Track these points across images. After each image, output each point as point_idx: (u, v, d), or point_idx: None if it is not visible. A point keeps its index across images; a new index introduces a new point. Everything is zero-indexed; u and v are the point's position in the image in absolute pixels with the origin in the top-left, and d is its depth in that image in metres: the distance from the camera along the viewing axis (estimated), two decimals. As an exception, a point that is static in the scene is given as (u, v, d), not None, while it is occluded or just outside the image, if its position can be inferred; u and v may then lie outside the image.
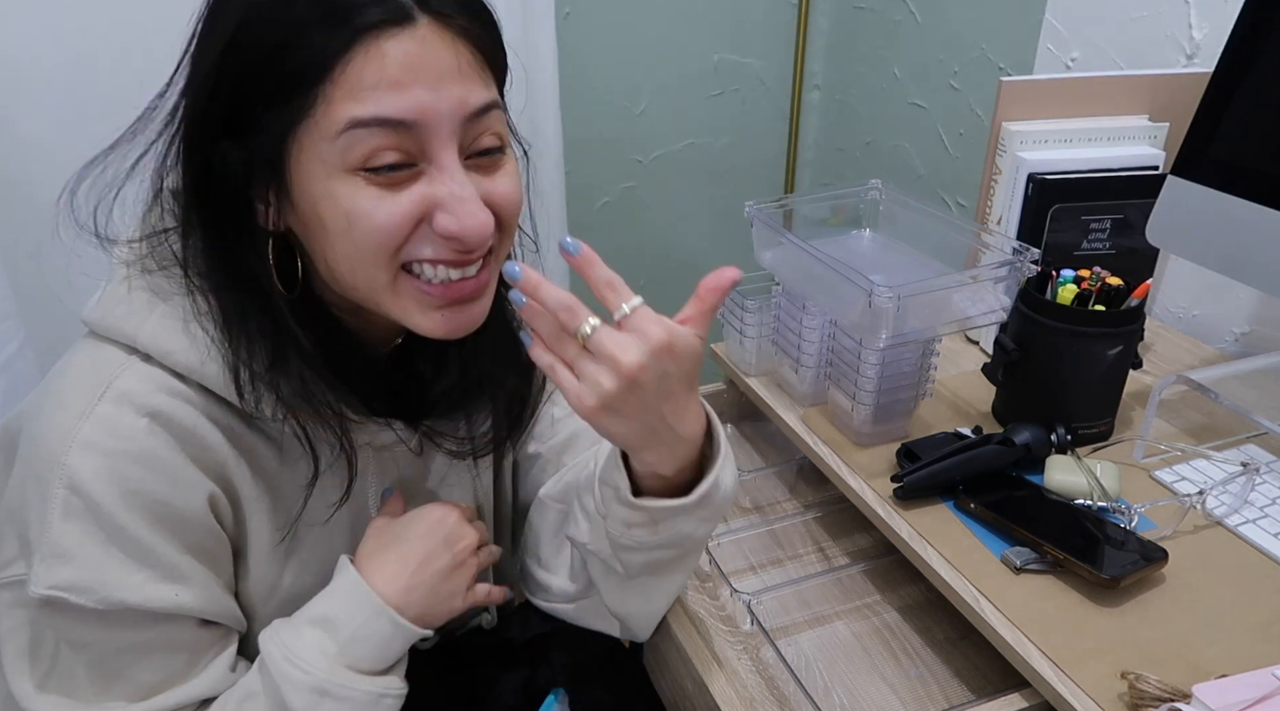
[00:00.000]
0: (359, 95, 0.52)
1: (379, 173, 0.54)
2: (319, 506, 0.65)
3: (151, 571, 0.56)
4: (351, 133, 0.52)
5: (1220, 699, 0.55)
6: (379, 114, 0.52)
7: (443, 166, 0.55)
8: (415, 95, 0.53)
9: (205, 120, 0.55)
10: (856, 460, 0.84)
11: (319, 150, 0.53)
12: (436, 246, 0.57)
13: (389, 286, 0.58)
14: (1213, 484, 0.76)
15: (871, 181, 0.96)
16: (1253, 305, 1.03)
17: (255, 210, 0.58)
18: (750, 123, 1.78)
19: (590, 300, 0.59)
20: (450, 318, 0.60)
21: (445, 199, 0.55)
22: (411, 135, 0.54)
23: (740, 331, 0.99)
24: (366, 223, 0.55)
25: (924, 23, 1.48)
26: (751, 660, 0.76)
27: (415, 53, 0.53)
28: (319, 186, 0.54)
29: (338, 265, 0.57)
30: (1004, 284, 0.80)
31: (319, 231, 0.56)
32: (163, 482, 0.56)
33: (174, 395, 0.57)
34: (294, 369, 0.59)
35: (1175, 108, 0.95)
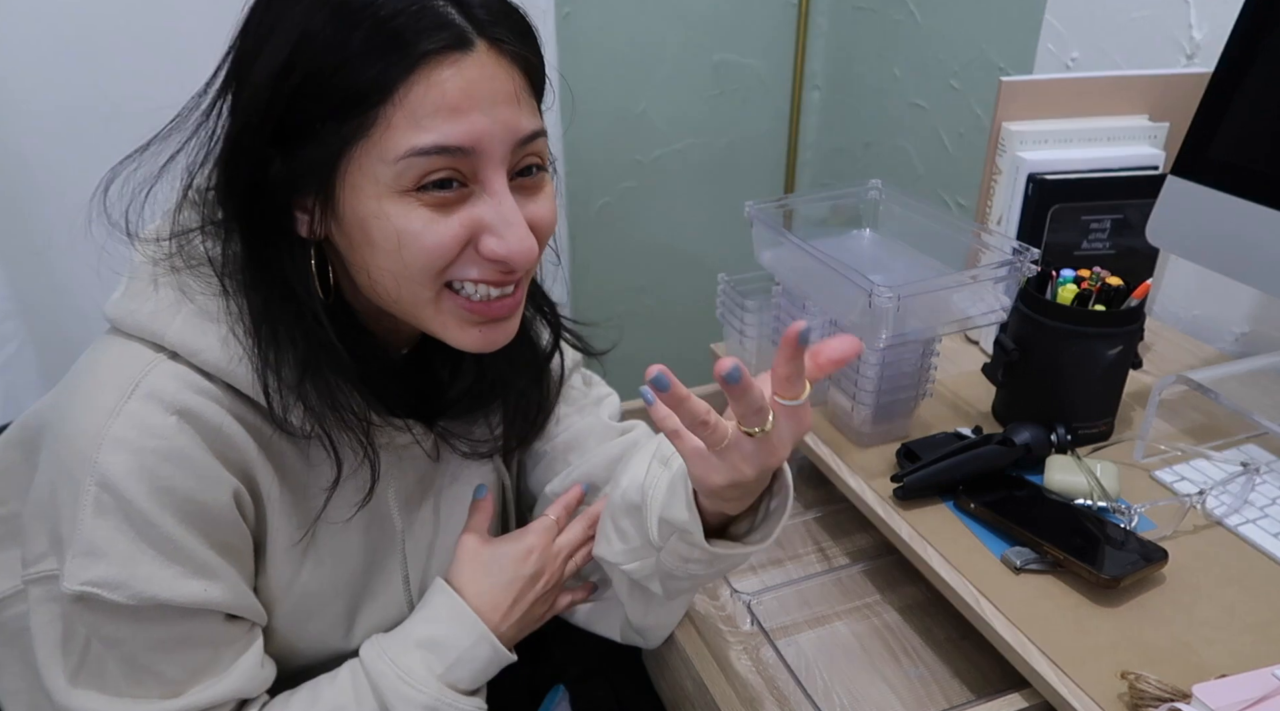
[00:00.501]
0: (420, 122, 0.53)
1: (430, 192, 0.55)
2: (338, 506, 0.65)
3: (181, 567, 0.57)
4: (410, 159, 0.54)
5: (1220, 699, 0.55)
6: (439, 143, 0.54)
7: (493, 190, 0.57)
8: (472, 121, 0.54)
9: (255, 131, 0.56)
10: (856, 460, 0.84)
11: (373, 170, 0.54)
12: (481, 267, 0.59)
13: (432, 302, 0.59)
14: (1213, 484, 0.76)
15: (871, 181, 0.96)
16: (1253, 305, 1.03)
17: (295, 218, 0.58)
18: (750, 123, 1.78)
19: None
20: (486, 333, 0.62)
21: (493, 222, 0.57)
22: (465, 159, 0.55)
23: (740, 331, 0.99)
24: (416, 244, 0.56)
25: (924, 23, 1.48)
26: (751, 660, 0.76)
27: (474, 79, 0.54)
28: (370, 204, 0.55)
29: (383, 280, 0.58)
30: (1004, 284, 0.80)
31: (365, 247, 0.57)
32: (191, 479, 0.57)
33: (202, 393, 0.58)
34: (324, 377, 0.60)
35: (1175, 108, 0.95)
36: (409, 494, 0.71)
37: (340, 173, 0.55)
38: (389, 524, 0.70)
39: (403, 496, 0.70)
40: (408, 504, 0.71)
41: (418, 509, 0.72)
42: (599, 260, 1.76)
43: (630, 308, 1.86)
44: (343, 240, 0.58)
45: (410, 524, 0.71)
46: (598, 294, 1.79)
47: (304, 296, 0.59)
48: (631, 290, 1.84)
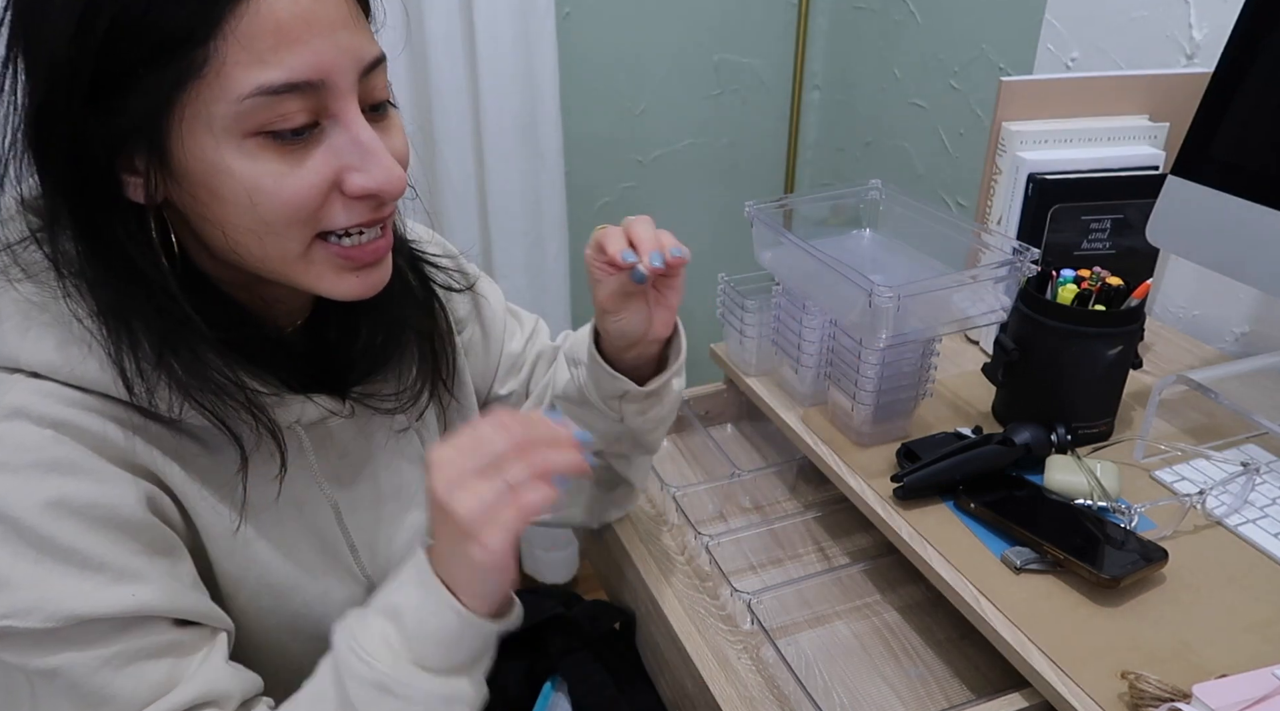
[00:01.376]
0: (261, 56, 0.49)
1: (282, 138, 0.51)
2: (261, 488, 0.62)
3: (98, 576, 0.52)
4: (257, 99, 0.49)
5: (1220, 699, 0.55)
6: (288, 79, 0.49)
7: (347, 122, 0.53)
8: (316, 49, 0.50)
9: (62, 91, 0.49)
10: (856, 460, 0.84)
11: (209, 116, 0.49)
12: (350, 210, 0.55)
13: (301, 257, 0.55)
14: (1213, 484, 0.76)
15: (871, 181, 0.96)
16: (1253, 305, 1.03)
17: (123, 183, 0.53)
18: (750, 123, 1.78)
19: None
20: (364, 278, 0.58)
21: (353, 157, 0.53)
22: (315, 93, 0.51)
23: (740, 331, 0.99)
24: (273, 199, 0.52)
25: (924, 23, 1.49)
26: (752, 659, 0.76)
27: (307, 4, 0.50)
28: (209, 156, 0.50)
29: (242, 239, 0.53)
30: (1004, 284, 0.80)
31: (213, 204, 0.52)
32: (86, 485, 0.52)
33: (73, 404, 0.53)
34: (184, 350, 0.55)
35: (1175, 108, 0.95)
36: (337, 467, 0.68)
37: (171, 124, 0.50)
38: (320, 501, 0.67)
39: (330, 470, 0.68)
40: (339, 477, 0.68)
41: (353, 481, 0.69)
42: (599, 260, 1.76)
43: (630, 307, 1.85)
44: (186, 200, 0.53)
45: (346, 497, 0.69)
46: (598, 294, 1.79)
47: (148, 268, 0.54)
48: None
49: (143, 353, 0.54)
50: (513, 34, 1.36)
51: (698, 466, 1.03)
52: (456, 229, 1.49)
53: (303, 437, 0.65)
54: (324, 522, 0.68)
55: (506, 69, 1.38)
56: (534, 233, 1.52)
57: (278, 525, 0.65)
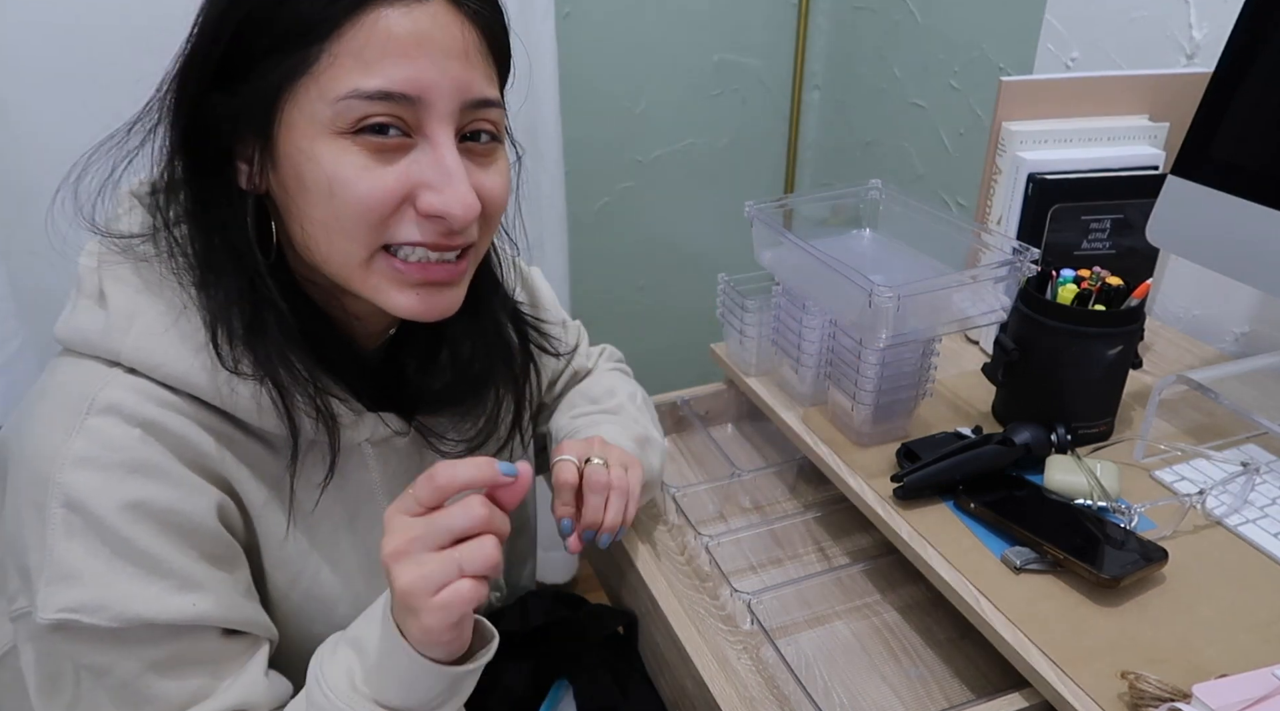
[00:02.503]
0: (367, 64, 0.52)
1: (369, 135, 0.53)
2: (327, 503, 0.64)
3: (165, 582, 0.54)
4: (350, 101, 0.52)
5: (1220, 699, 0.55)
6: (384, 88, 0.52)
7: (436, 142, 0.55)
8: (420, 68, 0.53)
9: (200, 67, 0.54)
10: (856, 460, 0.84)
11: (311, 109, 0.53)
12: (420, 228, 0.56)
13: (363, 263, 0.57)
14: (1213, 484, 0.76)
15: (871, 181, 0.96)
16: (1253, 305, 1.03)
17: (238, 170, 0.57)
18: (750, 123, 1.78)
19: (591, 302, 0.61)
20: (425, 298, 0.59)
21: (433, 176, 0.55)
22: (411, 108, 0.54)
23: (740, 331, 0.99)
24: (349, 192, 0.54)
25: (924, 23, 1.48)
26: (751, 659, 0.76)
27: (426, 27, 0.53)
28: (304, 144, 0.54)
29: (314, 232, 0.56)
30: (1004, 284, 0.80)
31: (299, 193, 0.55)
32: (165, 490, 0.54)
33: (163, 405, 0.55)
34: (270, 335, 0.57)
35: (1175, 108, 0.95)
36: (396, 486, 0.69)
37: (279, 111, 0.53)
38: (375, 517, 0.68)
39: (391, 489, 0.69)
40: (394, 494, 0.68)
41: None
42: (599, 260, 1.76)
43: (630, 307, 1.86)
44: (280, 190, 0.56)
45: None
46: (598, 294, 1.79)
47: (244, 252, 0.57)
48: (631, 290, 1.84)
49: (236, 320, 0.56)
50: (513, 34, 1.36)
51: (698, 466, 1.03)
52: (456, 229, 1.49)
53: (368, 453, 0.67)
54: (376, 540, 0.68)
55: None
56: (534, 232, 1.52)
57: (333, 537, 0.66)
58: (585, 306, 1.74)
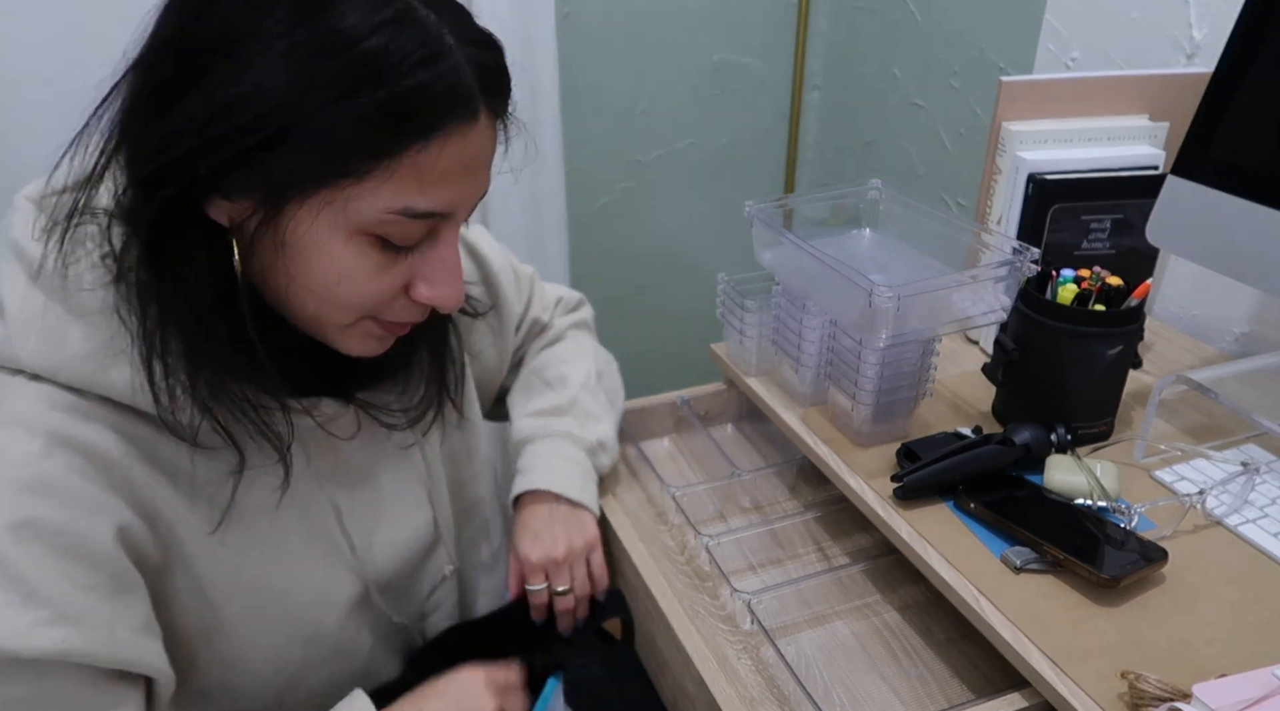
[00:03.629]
0: (423, 186, 0.52)
1: (391, 250, 0.55)
2: (261, 493, 0.62)
3: (39, 611, 0.50)
4: (399, 217, 0.53)
5: (1220, 698, 0.55)
6: (432, 208, 0.53)
7: (444, 241, 0.57)
8: (462, 189, 0.55)
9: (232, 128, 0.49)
10: (856, 460, 0.84)
11: (344, 206, 0.52)
12: (409, 310, 0.59)
13: (347, 326, 0.58)
14: (1213, 484, 0.76)
15: (871, 181, 0.96)
16: (1253, 305, 1.03)
17: (212, 201, 0.53)
18: (750, 123, 1.78)
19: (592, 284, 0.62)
20: (379, 346, 0.62)
21: (431, 271, 0.57)
22: (438, 220, 0.55)
23: (740, 331, 0.99)
24: (358, 288, 0.55)
25: (924, 23, 1.49)
26: (752, 659, 0.76)
27: (474, 150, 0.54)
28: (321, 234, 0.52)
29: (304, 297, 0.56)
30: (1004, 284, 0.80)
31: (296, 266, 0.54)
32: (61, 510, 0.51)
33: (70, 412, 0.53)
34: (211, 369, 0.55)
35: (1175, 108, 0.95)
36: (339, 470, 0.69)
37: (302, 199, 0.51)
38: (323, 503, 0.67)
39: (332, 472, 0.68)
40: (340, 480, 0.69)
41: (355, 484, 0.70)
42: (599, 260, 1.76)
43: (630, 307, 1.86)
44: (268, 248, 0.53)
45: (348, 499, 0.69)
46: (598, 294, 1.78)
47: (201, 283, 0.54)
48: (631, 290, 1.84)
49: (173, 361, 0.54)
50: (513, 34, 1.36)
51: (698, 466, 1.03)
52: (456, 229, 1.49)
53: (306, 441, 0.65)
54: (326, 524, 0.68)
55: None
56: (534, 233, 1.52)
57: (277, 528, 0.65)
58: (585, 306, 1.74)
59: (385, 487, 0.73)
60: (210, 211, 0.53)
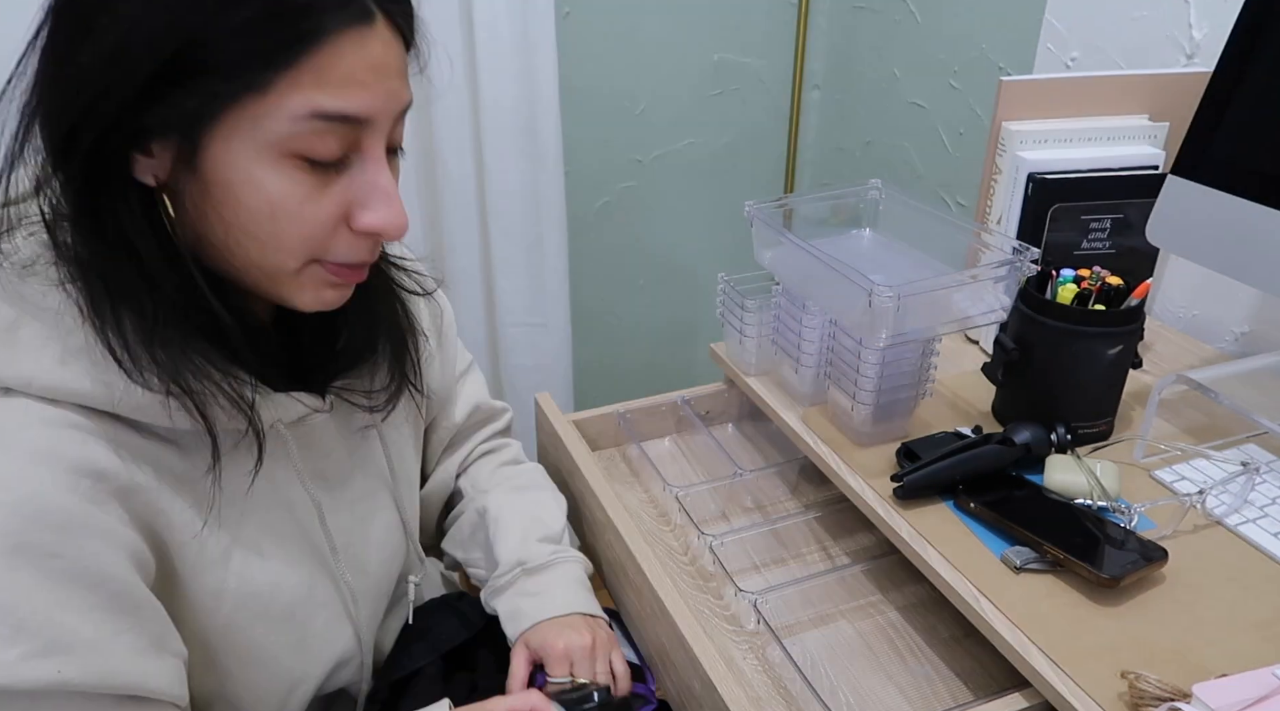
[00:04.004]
0: (325, 90, 0.51)
1: (316, 164, 0.53)
2: (245, 488, 0.62)
3: (29, 643, 0.48)
4: (310, 122, 0.51)
5: (1220, 698, 0.56)
6: (345, 110, 0.52)
7: (371, 159, 0.56)
8: (374, 93, 0.53)
9: (120, 74, 0.49)
10: (856, 460, 0.84)
11: (256, 128, 0.51)
12: (353, 247, 0.57)
13: (294, 273, 0.57)
14: (1213, 483, 0.76)
15: (871, 181, 0.96)
16: (1253, 305, 1.03)
17: (134, 160, 0.52)
18: (750, 123, 1.78)
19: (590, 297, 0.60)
20: (341, 293, 0.61)
21: (368, 195, 0.56)
22: (357, 129, 0.54)
23: (740, 331, 0.99)
24: (292, 219, 0.54)
25: (924, 22, 1.49)
26: (758, 659, 0.76)
27: (376, 54, 0.53)
28: (245, 167, 0.52)
29: (244, 241, 0.55)
30: (1004, 283, 0.80)
31: (227, 207, 0.53)
32: (51, 532, 0.49)
33: (50, 424, 0.51)
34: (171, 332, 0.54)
35: (1175, 108, 0.95)
36: (320, 467, 0.68)
37: (215, 127, 0.51)
38: (305, 501, 0.66)
39: (315, 470, 0.67)
40: (322, 477, 0.68)
41: (334, 482, 0.70)
42: (599, 260, 1.76)
43: (631, 307, 1.86)
44: (198, 193, 0.53)
45: (329, 498, 0.68)
46: (598, 294, 1.79)
47: (142, 246, 0.53)
48: (632, 290, 1.84)
49: (130, 335, 0.53)
50: (513, 34, 1.36)
51: (699, 466, 1.03)
52: (456, 229, 1.49)
53: (287, 437, 0.65)
54: (309, 523, 0.67)
55: (506, 69, 1.38)
56: (534, 233, 1.52)
57: (263, 528, 0.64)
58: (586, 306, 1.74)
59: (357, 487, 0.72)
60: (136, 172, 0.53)
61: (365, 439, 0.74)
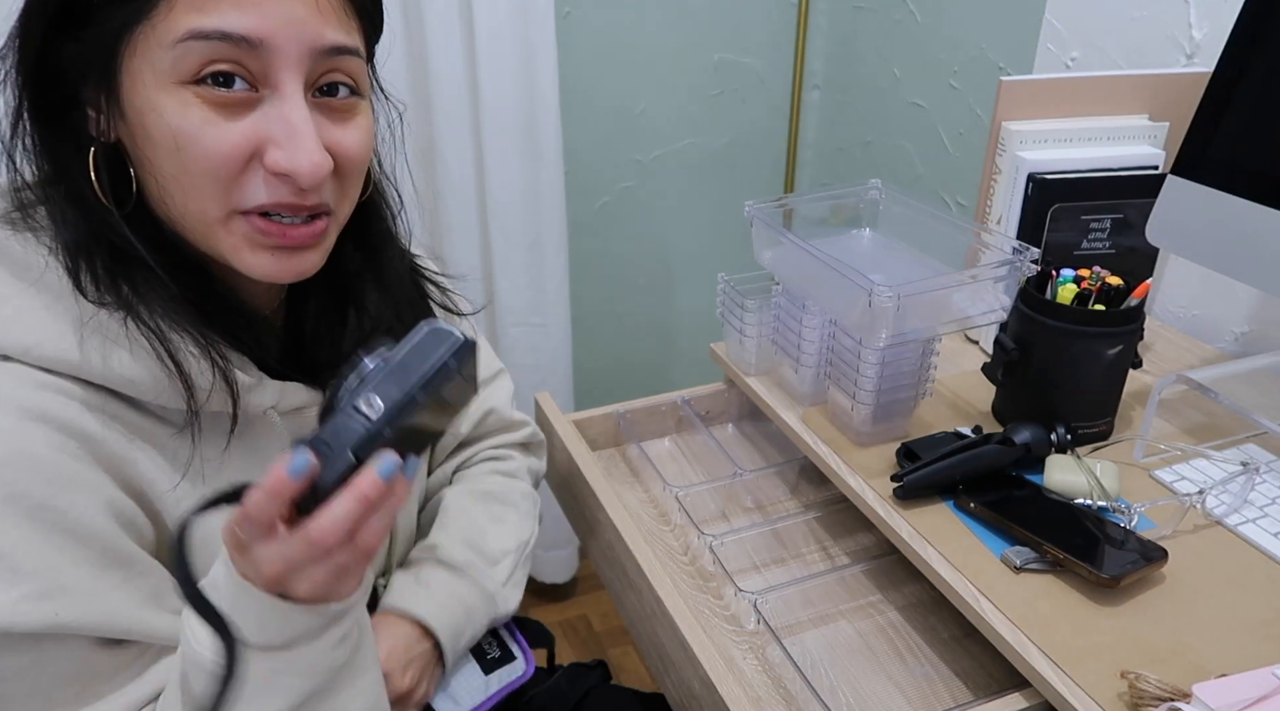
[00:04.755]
0: (202, 6, 0.50)
1: (211, 86, 0.52)
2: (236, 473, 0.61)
3: (25, 586, 0.50)
4: (188, 43, 0.51)
5: (1220, 698, 0.56)
6: (222, 27, 0.51)
7: (283, 95, 0.53)
8: (263, 11, 0.51)
9: (39, 11, 0.53)
10: (856, 460, 0.84)
11: (152, 56, 0.51)
12: (270, 188, 0.55)
13: (221, 222, 0.55)
14: (1213, 483, 0.76)
15: (871, 181, 0.96)
16: (1253, 305, 1.03)
17: (86, 116, 0.55)
18: (750, 123, 1.78)
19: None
20: (281, 261, 0.57)
21: (279, 132, 0.53)
22: (255, 55, 0.52)
23: (740, 331, 0.99)
24: (195, 146, 0.52)
25: (924, 22, 1.49)
26: (758, 659, 0.76)
27: None
28: (148, 94, 0.52)
29: (167, 186, 0.54)
30: (1004, 283, 0.80)
31: (146, 144, 0.53)
32: (42, 484, 0.50)
33: (45, 388, 0.52)
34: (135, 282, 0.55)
35: (1175, 108, 0.95)
36: None
37: (121, 58, 0.52)
38: None
39: None
40: None
41: None
42: (599, 260, 1.76)
43: (630, 307, 1.86)
44: (129, 141, 0.55)
45: None
46: (598, 293, 1.79)
47: (91, 199, 0.54)
48: (631, 290, 1.84)
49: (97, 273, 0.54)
50: (513, 34, 1.36)
51: (699, 466, 1.03)
52: (456, 229, 1.49)
53: (276, 422, 0.64)
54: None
55: (506, 69, 1.38)
56: (534, 232, 1.52)
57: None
58: (585, 306, 1.74)
59: None
60: (90, 129, 0.55)
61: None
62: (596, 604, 1.87)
